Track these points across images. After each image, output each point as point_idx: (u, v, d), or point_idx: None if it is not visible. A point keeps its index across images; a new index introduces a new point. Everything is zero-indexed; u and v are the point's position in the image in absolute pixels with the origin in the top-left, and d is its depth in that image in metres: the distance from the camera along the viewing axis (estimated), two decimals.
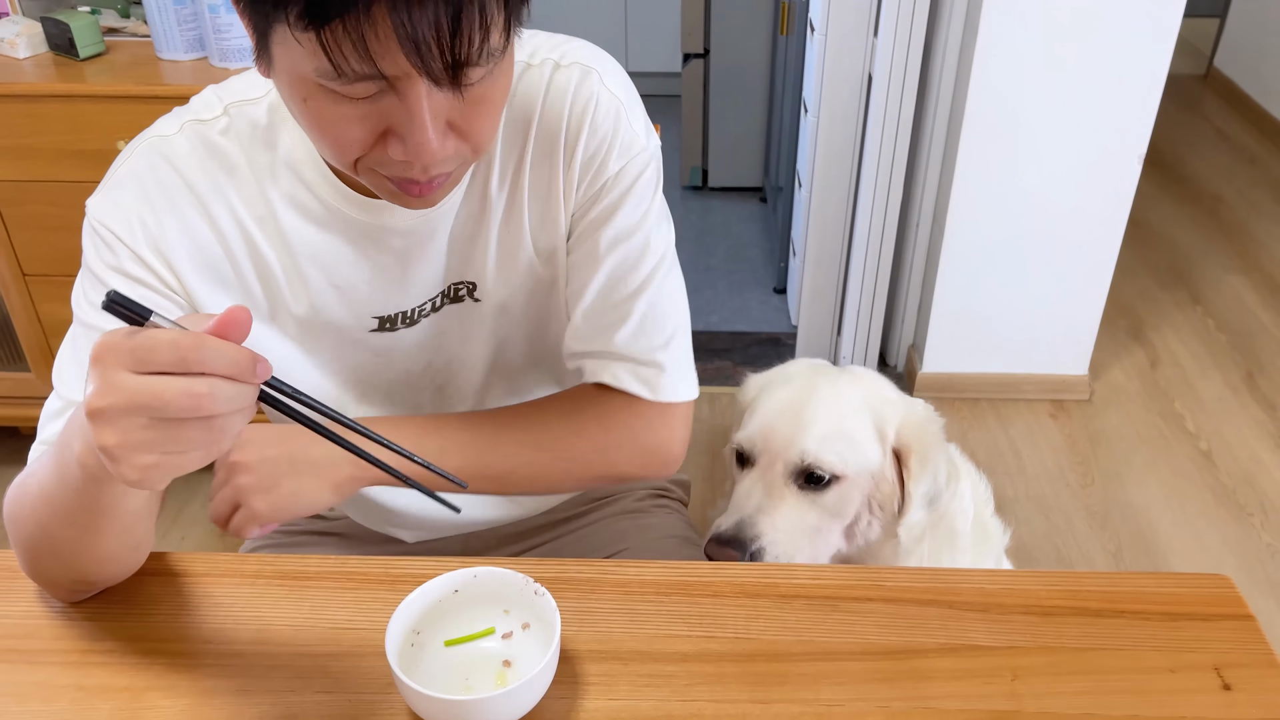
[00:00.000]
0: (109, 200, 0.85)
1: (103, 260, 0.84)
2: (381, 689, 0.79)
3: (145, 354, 0.59)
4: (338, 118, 0.70)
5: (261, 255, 0.89)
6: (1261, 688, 0.80)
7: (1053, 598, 0.88)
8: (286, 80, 0.70)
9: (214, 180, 0.86)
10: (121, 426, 0.60)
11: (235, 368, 0.60)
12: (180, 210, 0.85)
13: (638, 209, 0.91)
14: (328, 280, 0.90)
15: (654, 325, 0.94)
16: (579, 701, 0.78)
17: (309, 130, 0.75)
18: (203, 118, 0.86)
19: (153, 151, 0.85)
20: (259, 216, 0.87)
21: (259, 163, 0.86)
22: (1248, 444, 2.37)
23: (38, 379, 2.10)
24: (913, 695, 0.79)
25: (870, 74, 2.27)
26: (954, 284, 2.40)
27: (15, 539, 0.83)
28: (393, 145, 0.71)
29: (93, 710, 0.78)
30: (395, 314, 0.94)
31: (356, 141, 0.72)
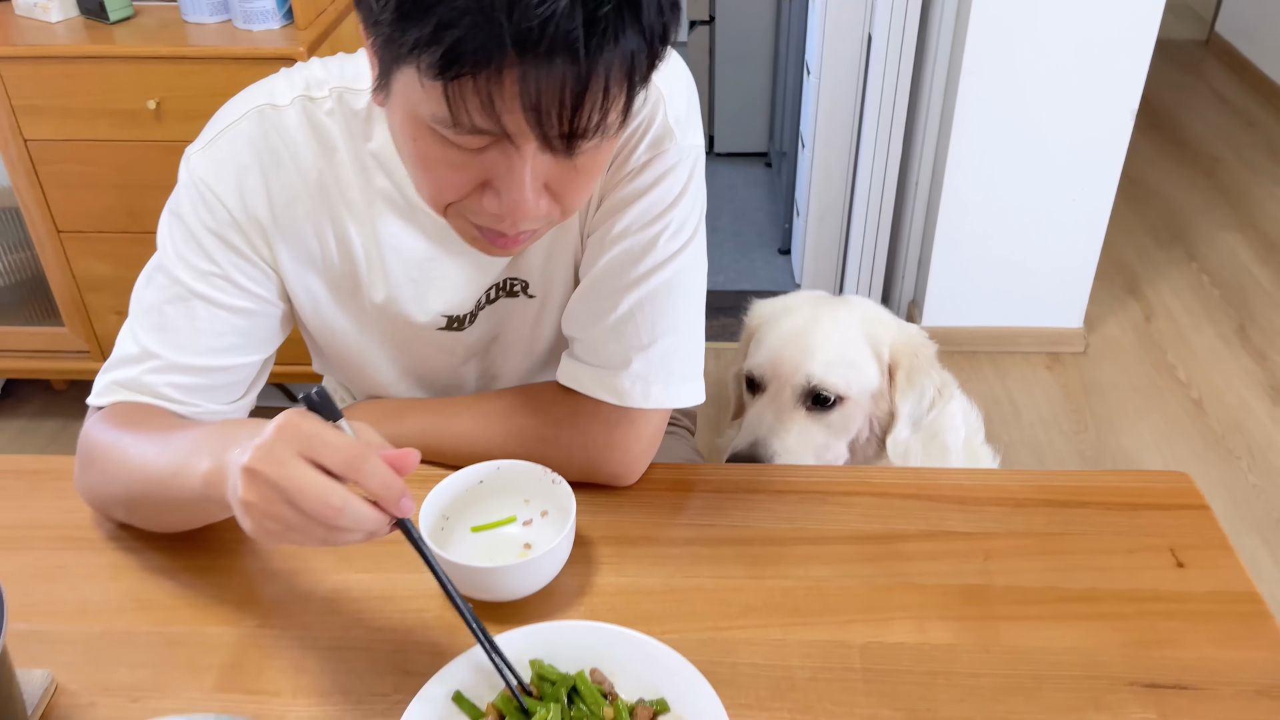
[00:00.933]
0: (215, 159, 0.87)
1: (200, 219, 0.87)
2: (416, 567, 0.86)
3: (319, 447, 0.64)
4: (442, 162, 0.72)
5: (349, 239, 0.92)
6: (1212, 565, 0.88)
7: (1024, 492, 0.96)
8: (400, 116, 0.73)
9: (316, 160, 0.88)
10: (263, 494, 0.64)
11: (385, 490, 0.65)
12: (284, 183, 0.88)
13: (656, 205, 0.89)
14: (406, 274, 0.94)
15: (642, 323, 0.92)
16: (592, 578, 0.87)
17: (411, 167, 0.77)
18: (314, 95, 0.87)
19: (264, 120, 0.87)
20: (350, 201, 0.90)
21: (357, 150, 0.88)
22: (1238, 392, 2.44)
23: (71, 333, 2.19)
24: (894, 573, 0.88)
25: (870, 33, 2.33)
26: (952, 239, 2.47)
27: (90, 483, 0.89)
28: (488, 198, 0.73)
29: (156, 587, 0.87)
30: (464, 315, 0.97)
31: (454, 187, 0.74)
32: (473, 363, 1.05)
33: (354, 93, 0.87)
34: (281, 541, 0.67)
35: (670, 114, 0.88)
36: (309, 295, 0.95)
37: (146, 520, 0.89)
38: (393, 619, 0.83)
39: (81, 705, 0.77)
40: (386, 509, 0.66)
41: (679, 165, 0.90)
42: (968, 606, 0.84)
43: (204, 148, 0.87)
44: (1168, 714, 0.75)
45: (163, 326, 0.89)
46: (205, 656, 0.81)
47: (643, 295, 0.91)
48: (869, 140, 2.44)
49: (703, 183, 0.94)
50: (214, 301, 0.89)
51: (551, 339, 1.04)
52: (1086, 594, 0.85)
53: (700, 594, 0.85)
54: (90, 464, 0.88)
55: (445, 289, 0.95)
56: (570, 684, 0.73)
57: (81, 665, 0.80)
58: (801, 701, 0.76)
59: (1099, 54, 2.20)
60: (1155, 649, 0.80)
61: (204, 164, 0.87)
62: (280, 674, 0.79)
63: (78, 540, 0.92)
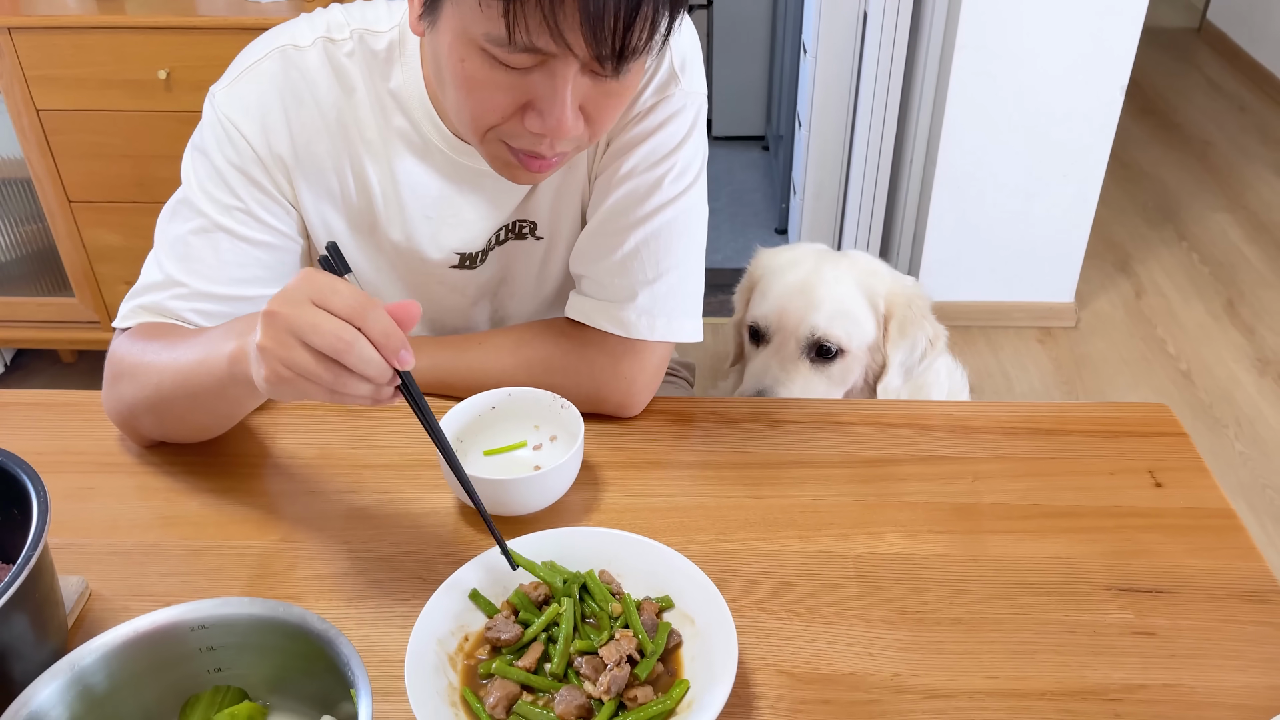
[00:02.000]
0: (239, 96, 0.91)
1: (224, 155, 0.92)
2: (430, 489, 0.92)
3: (329, 293, 0.68)
4: (488, 83, 0.76)
5: (366, 176, 0.96)
6: (1188, 485, 0.92)
7: (1011, 421, 1.00)
8: (449, 39, 0.77)
9: (336, 99, 0.93)
10: (279, 338, 0.68)
11: (385, 339, 0.68)
12: (305, 119, 0.93)
13: (662, 147, 0.94)
14: (422, 211, 0.98)
15: (647, 259, 0.96)
16: (599, 498, 0.91)
17: (454, 90, 0.80)
18: (334, 37, 0.91)
19: (286, 59, 0.91)
20: (368, 140, 0.95)
21: (376, 90, 0.93)
22: (1226, 364, 2.49)
23: (81, 304, 2.23)
24: (886, 492, 0.92)
25: (865, 11, 2.38)
26: (946, 215, 2.52)
27: (119, 393, 0.92)
28: (531, 118, 0.78)
29: (183, 506, 0.91)
30: (475, 252, 1.02)
31: (498, 109, 0.78)
32: (483, 304, 1.09)
33: (373, 34, 0.91)
34: (293, 392, 0.70)
35: (675, 60, 0.93)
36: (327, 232, 0.99)
37: (174, 424, 0.93)
38: (409, 533, 0.88)
39: (114, 609, 0.81)
40: (386, 357, 0.68)
41: (684, 109, 0.94)
42: (956, 522, 0.88)
43: (228, 85, 0.92)
44: (1144, 614, 0.79)
45: (187, 256, 0.93)
46: (231, 566, 0.85)
47: (648, 233, 0.96)
48: (864, 118, 2.49)
49: (704, 130, 0.98)
50: (237, 235, 0.93)
51: (559, 280, 1.08)
52: (1069, 510, 0.89)
53: (702, 511, 0.90)
54: (118, 376, 0.92)
55: (458, 226, 0.99)
56: (581, 582, 0.77)
57: (114, 574, 0.84)
58: (799, 604, 0.80)
59: (1089, 32, 2.25)
60: (1133, 558, 0.84)
61: (228, 100, 0.91)
62: (304, 582, 0.83)
63: (106, 464, 0.96)
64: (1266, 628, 0.78)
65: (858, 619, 0.79)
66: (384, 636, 0.77)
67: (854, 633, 0.78)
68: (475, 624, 0.76)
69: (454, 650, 0.74)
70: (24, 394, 1.07)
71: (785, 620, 0.79)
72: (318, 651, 0.65)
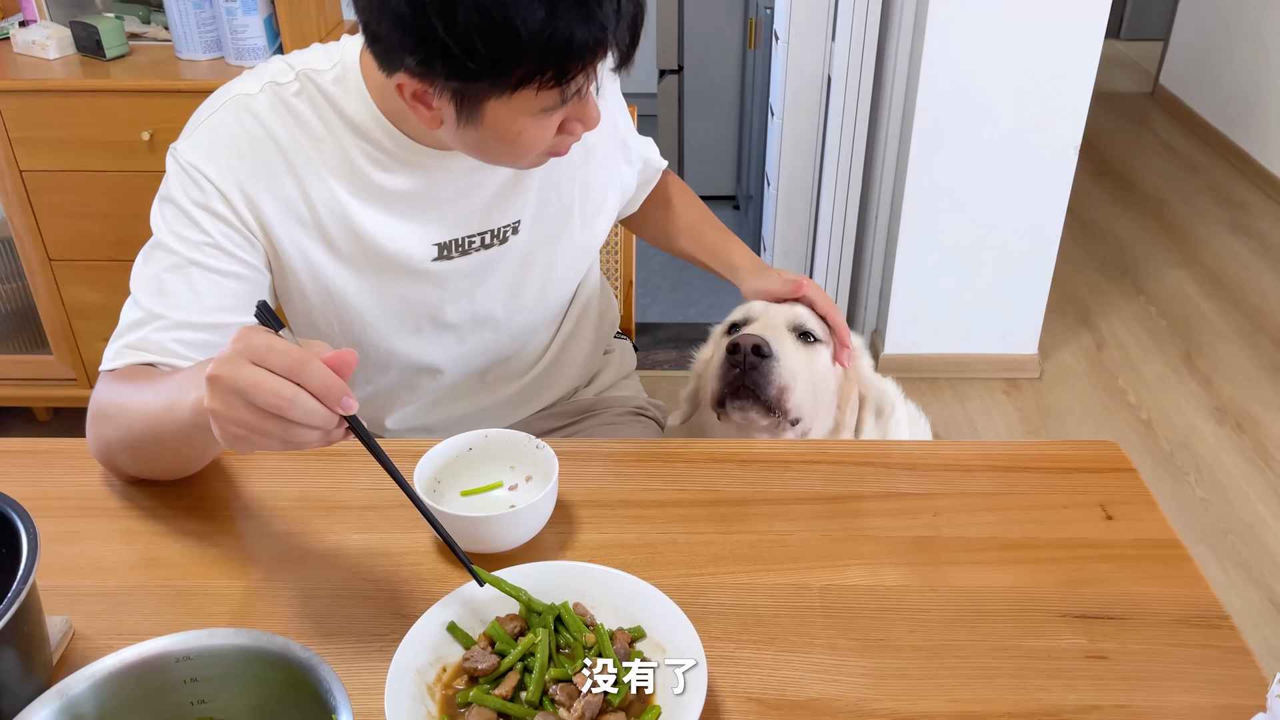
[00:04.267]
0: (199, 145, 0.98)
1: (190, 197, 0.97)
2: (408, 528, 0.94)
3: (265, 352, 0.71)
4: (542, 131, 0.91)
5: (335, 195, 1.02)
6: (1138, 518, 0.97)
7: (969, 459, 1.05)
8: (497, 126, 0.89)
9: (292, 134, 1.00)
10: (225, 399, 0.72)
11: (325, 391, 0.71)
12: (264, 158, 0.99)
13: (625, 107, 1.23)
14: (396, 214, 1.04)
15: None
16: (574, 536, 0.94)
17: (513, 150, 0.93)
18: (279, 81, 0.99)
19: (238, 106, 0.99)
20: (331, 166, 1.01)
21: (330, 122, 1.00)
22: (1185, 414, 2.56)
23: (58, 361, 2.24)
24: (850, 528, 0.95)
25: (829, 75, 2.47)
26: (911, 271, 2.59)
27: (100, 434, 0.96)
28: (574, 127, 0.93)
29: (166, 548, 0.93)
30: (450, 240, 1.08)
31: (545, 141, 0.92)
32: (465, 302, 1.13)
33: (317, 73, 1.00)
34: (249, 446, 0.74)
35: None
36: (303, 258, 1.04)
37: (149, 462, 0.96)
38: (388, 572, 0.90)
39: (98, 648, 0.83)
40: (329, 407, 0.72)
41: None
42: (917, 554, 0.92)
43: (187, 138, 0.99)
44: (1096, 639, 0.83)
45: (163, 292, 0.97)
46: (214, 605, 0.87)
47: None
48: (830, 178, 2.57)
49: None
50: (208, 268, 0.98)
51: (540, 281, 1.15)
52: (1024, 542, 0.93)
53: (673, 547, 0.93)
54: (97, 417, 0.95)
55: (434, 219, 1.06)
56: (555, 614, 0.80)
57: (98, 614, 0.86)
58: (766, 634, 0.83)
59: (1043, 93, 2.34)
60: (1085, 586, 0.88)
61: (189, 149, 0.98)
62: (285, 620, 0.85)
63: (91, 509, 0.98)
64: (1212, 650, 0.82)
65: (823, 647, 0.82)
66: (364, 670, 0.79)
67: (820, 660, 0.81)
68: (453, 655, 0.78)
69: (432, 680, 0.76)
70: (10, 442, 1.09)
71: (754, 649, 0.82)
72: (300, 680, 0.67)
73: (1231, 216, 3.61)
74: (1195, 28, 4.40)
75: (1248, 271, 3.24)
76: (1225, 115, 4.14)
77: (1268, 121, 3.83)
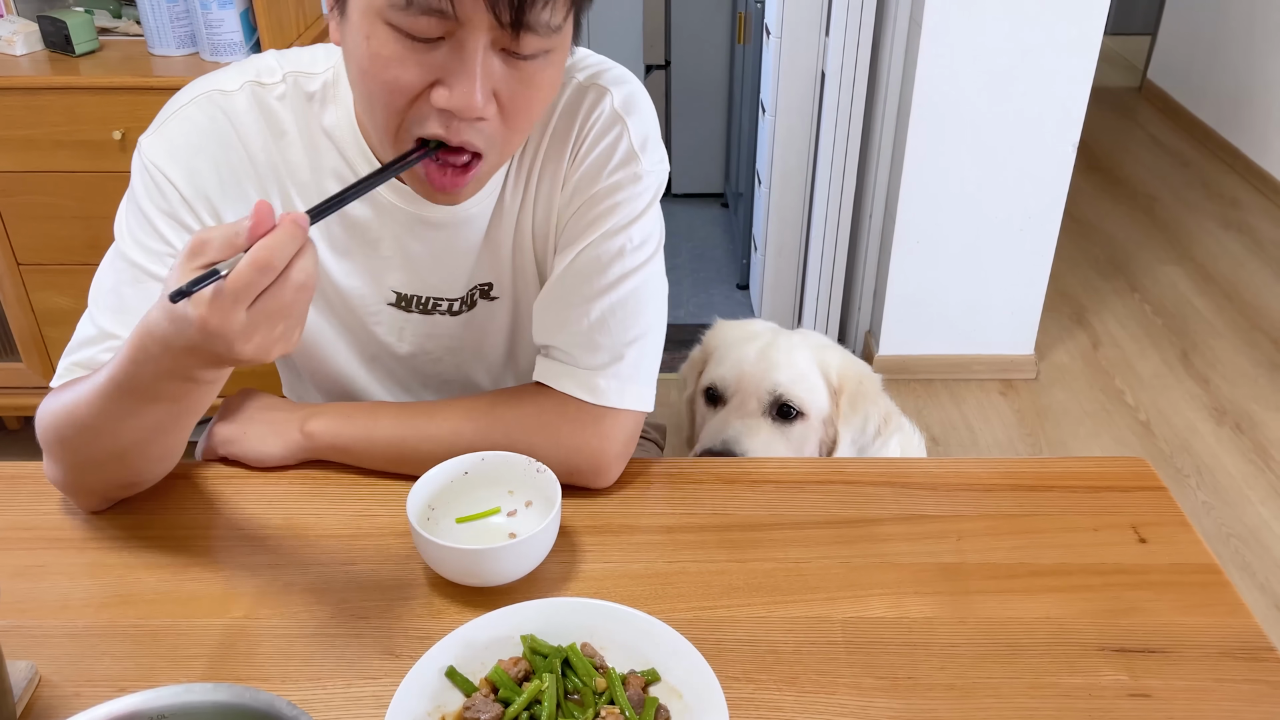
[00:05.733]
0: (164, 141, 0.90)
1: (153, 203, 0.90)
2: (401, 560, 0.88)
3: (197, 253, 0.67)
4: (395, 59, 0.76)
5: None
6: (1172, 541, 0.92)
7: (992, 478, 0.99)
8: (356, 22, 0.77)
9: (265, 141, 0.92)
10: (240, 331, 0.68)
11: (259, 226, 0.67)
12: (231, 162, 0.92)
13: (622, 219, 0.93)
14: (357, 249, 0.97)
15: (614, 328, 0.94)
16: (577, 565, 0.88)
17: (365, 77, 0.79)
18: (264, 81, 0.91)
19: (212, 104, 0.90)
20: (301, 181, 0.94)
21: (307, 130, 0.92)
22: (1183, 414, 2.52)
23: (29, 369, 2.16)
24: (870, 554, 0.90)
25: (823, 71, 2.42)
26: (906, 271, 2.54)
27: (57, 451, 0.89)
28: (438, 92, 0.76)
29: (138, 583, 0.87)
30: (411, 296, 1.00)
31: (407, 87, 0.77)
32: (433, 357, 1.07)
33: (307, 75, 0.92)
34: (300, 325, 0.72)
35: (635, 139, 0.94)
36: None
37: (118, 463, 0.88)
38: (379, 607, 0.84)
39: (65, 696, 0.76)
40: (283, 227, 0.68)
41: (643, 183, 0.94)
42: (943, 583, 0.87)
43: (153, 132, 0.91)
44: (1139, 675, 0.78)
45: (121, 308, 0.90)
46: (191, 647, 0.80)
47: (614, 301, 0.94)
48: (824, 175, 2.51)
49: (660, 208, 0.98)
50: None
51: (514, 343, 1.08)
52: (1055, 569, 0.88)
53: (684, 577, 0.87)
54: (47, 440, 0.89)
55: (396, 270, 0.99)
56: (563, 656, 0.74)
57: (65, 658, 0.79)
58: (787, 673, 0.78)
59: (1041, 92, 2.30)
60: (1123, 617, 0.83)
61: (153, 147, 0.90)
62: (269, 662, 0.79)
63: (56, 540, 0.91)
64: (1261, 686, 0.77)
65: (849, 687, 0.77)
66: (356, 719, 0.73)
67: (845, 702, 0.75)
68: (453, 703, 0.72)
69: None
70: None
71: (775, 690, 0.76)
72: None
73: (1223, 212, 3.59)
74: (1183, 22, 4.38)
75: (1241, 268, 3.22)
76: (1214, 110, 4.12)
77: (1257, 116, 3.81)
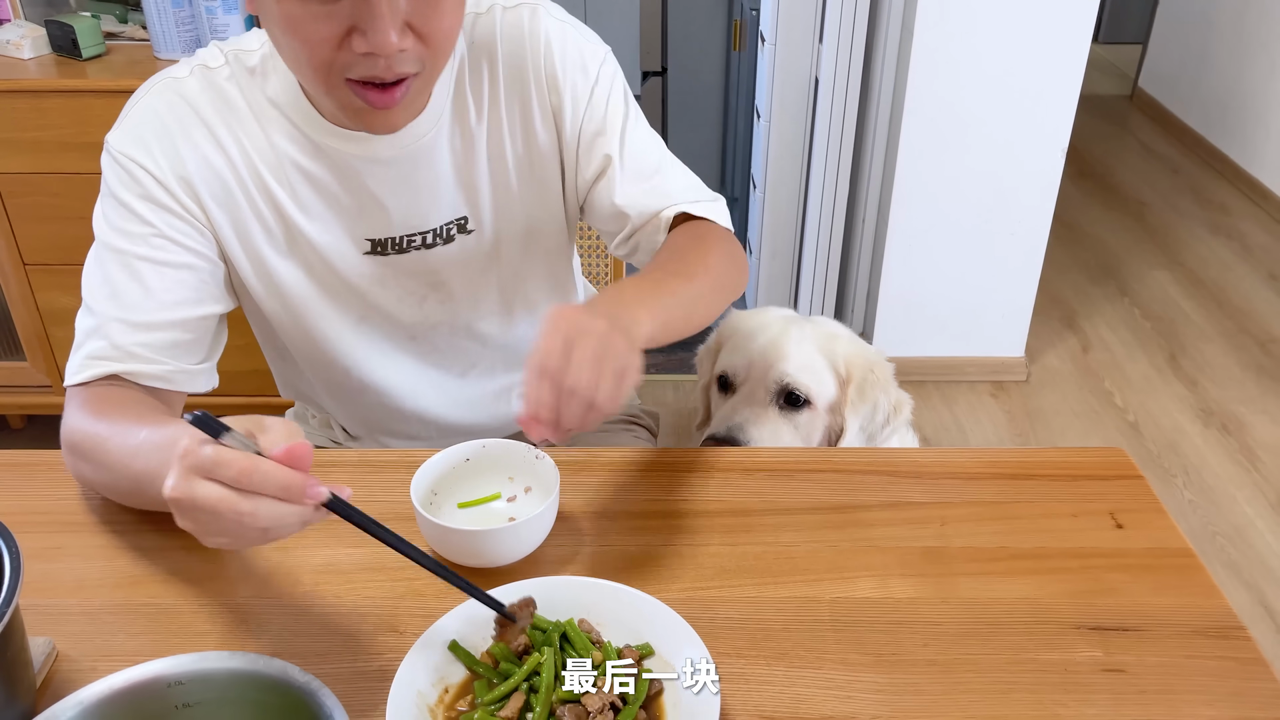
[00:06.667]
0: (131, 134, 0.96)
1: (128, 190, 0.95)
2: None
3: (211, 468, 0.67)
4: (307, 15, 0.82)
5: (265, 183, 1.00)
6: (1148, 526, 0.95)
7: (976, 467, 1.03)
8: None
9: (222, 116, 0.98)
10: (192, 518, 0.69)
11: (285, 492, 0.67)
12: (195, 140, 0.97)
13: (623, 100, 1.06)
14: (324, 205, 1.02)
15: (681, 178, 1.11)
16: (576, 549, 0.92)
17: (285, 37, 0.85)
18: (209, 65, 0.99)
19: (168, 90, 0.97)
20: (260, 149, 0.99)
21: (255, 102, 0.98)
22: (1171, 415, 2.56)
23: (33, 368, 2.19)
24: (857, 538, 0.93)
25: (817, 78, 2.46)
26: (899, 273, 2.58)
27: (80, 469, 0.93)
28: (356, 39, 0.83)
29: (151, 564, 0.90)
30: (385, 239, 1.05)
31: (324, 40, 0.83)
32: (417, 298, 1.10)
33: (246, 53, 0.98)
34: (239, 547, 0.73)
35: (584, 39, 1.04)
36: (246, 244, 1.01)
37: (143, 506, 0.93)
38: (383, 587, 0.87)
39: (83, 670, 0.79)
40: (295, 503, 0.68)
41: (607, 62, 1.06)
42: (927, 565, 0.90)
43: (118, 127, 0.97)
44: (1113, 652, 0.81)
45: (115, 294, 0.94)
46: (202, 624, 0.84)
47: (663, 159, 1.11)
48: (817, 179, 2.55)
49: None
50: (155, 260, 0.95)
51: (502, 277, 1.11)
52: (1035, 552, 0.91)
53: (678, 559, 0.90)
54: (74, 452, 0.92)
55: (363, 217, 1.03)
56: (561, 631, 0.77)
57: (81, 634, 0.82)
58: (776, 649, 0.81)
59: (1030, 96, 2.34)
60: (1099, 597, 0.86)
61: (120, 140, 0.95)
62: (277, 638, 0.82)
63: (72, 524, 0.94)
64: (1230, 662, 0.80)
65: (835, 663, 0.80)
66: (362, 691, 0.76)
67: (832, 676, 0.79)
68: (455, 675, 0.75)
69: (434, 702, 0.73)
70: None
71: (764, 666, 0.79)
72: (299, 704, 0.64)
73: (1212, 218, 3.63)
74: (1174, 31, 4.43)
75: (1229, 273, 3.26)
76: (1204, 118, 4.17)
77: (1245, 124, 3.86)
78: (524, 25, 1.01)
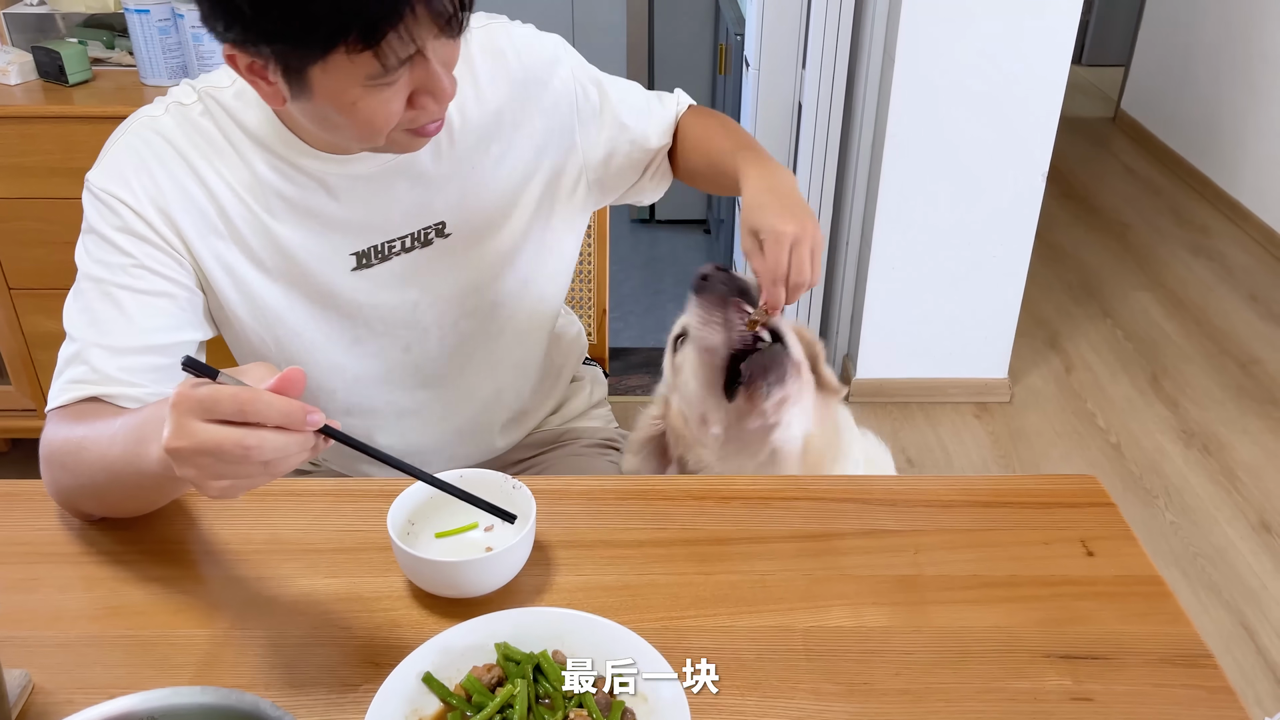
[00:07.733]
0: (110, 170, 0.98)
1: (108, 223, 0.97)
2: (381, 572, 0.92)
3: (211, 405, 0.68)
4: (381, 104, 0.87)
5: (250, 209, 1.02)
6: (1118, 553, 0.96)
7: (949, 494, 1.04)
8: (329, 97, 0.86)
9: (200, 150, 1.00)
10: (194, 464, 0.70)
11: (286, 419, 0.69)
12: (174, 174, 0.99)
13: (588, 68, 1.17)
14: (308, 225, 1.04)
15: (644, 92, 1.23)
16: (551, 578, 0.92)
17: (356, 128, 0.90)
18: (183, 102, 1.01)
19: (144, 128, 1.00)
20: (242, 179, 1.01)
21: (234, 136, 1.01)
22: (1153, 437, 2.58)
23: (18, 392, 2.19)
24: (831, 566, 0.94)
25: (800, 102, 2.48)
26: (882, 296, 2.60)
27: (57, 480, 0.94)
28: (426, 102, 0.89)
29: (128, 595, 0.90)
30: (368, 248, 1.07)
31: (396, 113, 0.89)
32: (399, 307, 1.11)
33: (218, 89, 1.01)
34: (238, 492, 0.72)
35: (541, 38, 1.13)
36: (227, 272, 1.03)
37: (118, 506, 0.94)
38: (360, 618, 0.88)
39: (59, 702, 0.79)
40: (296, 430, 0.70)
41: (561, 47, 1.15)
42: (900, 594, 0.91)
43: (97, 166, 0.99)
44: (1082, 680, 0.82)
45: (95, 322, 0.96)
46: (179, 656, 0.84)
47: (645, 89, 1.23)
48: None
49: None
50: (136, 289, 0.97)
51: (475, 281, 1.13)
52: (1007, 580, 0.92)
53: (653, 589, 0.91)
54: (51, 463, 0.93)
55: (348, 230, 1.05)
56: (534, 662, 0.78)
57: (58, 666, 0.82)
58: (750, 679, 0.82)
59: (1011, 120, 2.37)
60: (1069, 625, 0.88)
61: (100, 177, 0.98)
62: (253, 670, 0.83)
63: (50, 555, 0.94)
64: (1198, 691, 0.81)
65: (807, 692, 0.81)
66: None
67: (804, 706, 0.79)
68: (429, 707, 0.76)
69: None
70: None
71: (737, 695, 0.80)
72: None
73: (1193, 239, 3.67)
74: (1156, 54, 4.48)
75: (1210, 294, 3.29)
76: (1186, 140, 4.21)
77: (1227, 145, 3.90)
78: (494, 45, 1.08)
